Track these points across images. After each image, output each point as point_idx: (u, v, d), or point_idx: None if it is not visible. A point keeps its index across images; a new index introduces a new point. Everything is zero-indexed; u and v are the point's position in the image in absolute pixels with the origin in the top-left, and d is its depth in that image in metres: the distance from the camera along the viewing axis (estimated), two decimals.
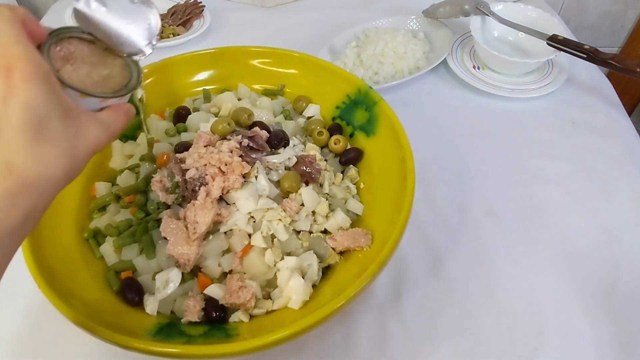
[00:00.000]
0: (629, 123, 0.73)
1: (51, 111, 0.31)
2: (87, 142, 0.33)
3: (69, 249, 0.48)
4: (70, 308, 0.39)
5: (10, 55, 0.29)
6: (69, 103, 0.32)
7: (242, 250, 0.47)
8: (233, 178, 0.48)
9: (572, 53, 0.70)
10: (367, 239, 0.47)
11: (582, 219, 0.59)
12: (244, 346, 0.38)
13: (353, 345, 0.49)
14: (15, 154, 0.29)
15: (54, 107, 0.31)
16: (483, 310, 0.51)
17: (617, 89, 0.78)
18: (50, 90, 0.31)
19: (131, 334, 0.40)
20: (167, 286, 0.44)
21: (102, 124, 0.35)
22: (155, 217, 0.49)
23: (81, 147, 0.33)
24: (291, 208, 0.49)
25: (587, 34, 1.17)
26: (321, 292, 0.46)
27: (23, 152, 0.29)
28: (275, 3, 0.97)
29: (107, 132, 0.35)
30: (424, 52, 0.81)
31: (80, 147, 0.33)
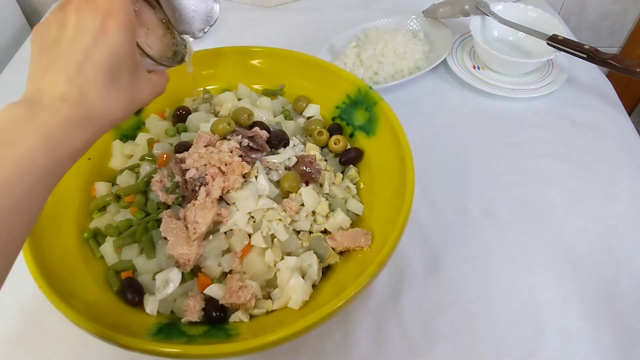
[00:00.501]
0: (629, 123, 0.73)
1: (126, 63, 0.36)
2: (141, 97, 0.39)
3: (69, 249, 0.48)
4: (71, 308, 0.39)
5: (113, 4, 0.34)
6: (138, 60, 0.38)
7: (242, 250, 0.47)
8: (233, 178, 0.48)
9: (572, 53, 0.70)
10: (367, 239, 0.47)
11: (582, 219, 0.59)
12: (244, 346, 0.38)
13: (353, 345, 0.49)
14: (89, 88, 0.33)
15: (129, 60, 0.36)
16: (482, 310, 0.51)
17: (617, 89, 0.78)
18: (132, 45, 0.36)
19: (131, 334, 0.40)
20: (167, 286, 0.44)
21: (153, 85, 0.40)
22: (155, 217, 0.49)
23: (137, 100, 0.38)
24: (291, 208, 0.49)
25: (587, 34, 1.17)
26: (321, 292, 0.46)
27: (97, 88, 0.34)
28: (275, 3, 0.97)
29: (154, 92, 0.41)
30: (424, 52, 0.81)
31: (136, 100, 0.38)
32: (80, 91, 0.33)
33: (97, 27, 0.34)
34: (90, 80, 0.34)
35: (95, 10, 0.34)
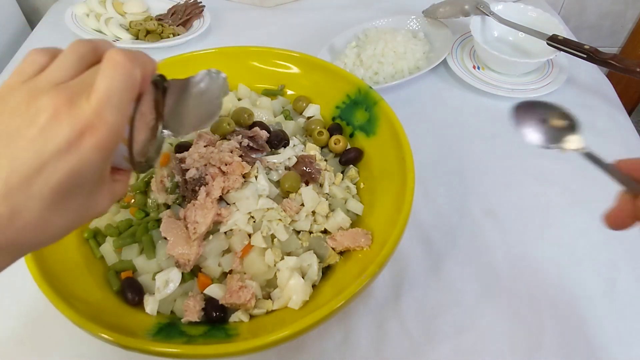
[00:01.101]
0: (629, 123, 0.73)
1: (89, 182, 0.29)
2: (92, 213, 0.31)
3: (69, 249, 0.48)
4: (71, 308, 0.39)
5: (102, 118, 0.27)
6: (106, 174, 0.30)
7: (242, 250, 0.47)
8: (233, 178, 0.48)
9: (572, 53, 0.70)
10: (367, 239, 0.47)
11: (582, 219, 0.59)
12: (244, 346, 0.38)
13: (353, 345, 0.49)
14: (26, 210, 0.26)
15: (94, 181, 0.29)
16: (483, 310, 0.51)
17: (617, 89, 0.78)
18: (105, 164, 0.29)
19: (131, 334, 0.40)
20: (167, 286, 0.44)
21: (113, 194, 0.32)
22: (155, 217, 0.49)
23: (84, 219, 0.30)
24: (291, 208, 0.49)
25: (587, 34, 1.17)
26: (321, 292, 0.46)
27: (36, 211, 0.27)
28: (275, 3, 0.97)
29: (112, 201, 0.32)
30: (424, 52, 0.81)
31: (82, 220, 0.30)
32: (11, 212, 0.26)
33: (70, 139, 0.26)
34: (31, 200, 0.26)
35: (76, 120, 0.26)
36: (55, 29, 0.91)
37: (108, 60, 0.28)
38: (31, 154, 0.26)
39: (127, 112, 0.29)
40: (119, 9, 0.89)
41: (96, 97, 0.27)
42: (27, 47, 0.88)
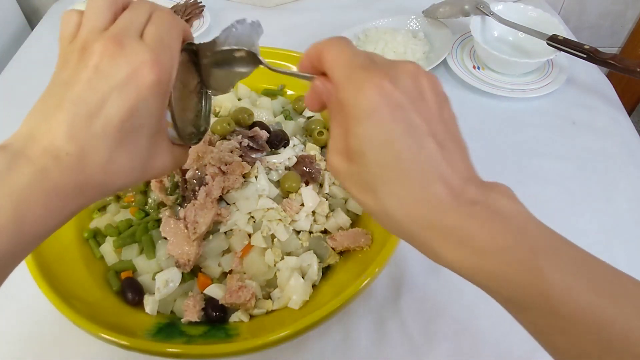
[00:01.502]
0: (629, 123, 0.73)
1: (149, 125, 0.29)
2: (157, 166, 0.32)
3: (69, 249, 0.48)
4: (71, 308, 0.39)
5: (158, 57, 0.28)
6: (163, 125, 0.31)
7: (242, 250, 0.47)
8: (233, 178, 0.48)
9: (572, 53, 0.70)
10: (367, 239, 0.47)
11: (582, 219, 0.59)
12: (244, 346, 0.38)
13: (353, 345, 0.49)
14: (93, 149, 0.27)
15: (153, 122, 0.29)
16: (483, 310, 0.51)
17: (617, 89, 0.78)
18: (161, 106, 0.29)
19: (131, 334, 0.40)
20: (167, 286, 0.44)
21: (174, 158, 0.33)
22: (155, 217, 0.49)
23: (150, 169, 0.31)
24: (291, 208, 0.49)
25: (587, 34, 1.17)
26: (321, 292, 0.46)
27: (103, 150, 0.27)
28: (275, 3, 0.97)
29: (175, 164, 0.34)
30: (424, 52, 0.81)
31: (149, 169, 0.31)
32: (80, 151, 0.26)
33: (125, 75, 0.27)
34: (97, 139, 0.27)
35: (131, 57, 0.27)
36: (55, 29, 0.91)
37: (158, 14, 0.29)
38: (91, 92, 0.27)
39: (177, 56, 0.30)
40: None
41: (150, 38, 0.28)
42: (27, 47, 0.88)
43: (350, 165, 0.27)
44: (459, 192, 0.25)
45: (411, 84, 0.26)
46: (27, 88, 0.79)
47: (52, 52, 0.30)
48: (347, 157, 0.27)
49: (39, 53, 0.86)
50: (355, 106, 0.25)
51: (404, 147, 0.25)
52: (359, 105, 0.25)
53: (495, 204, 0.25)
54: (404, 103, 0.25)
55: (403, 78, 0.26)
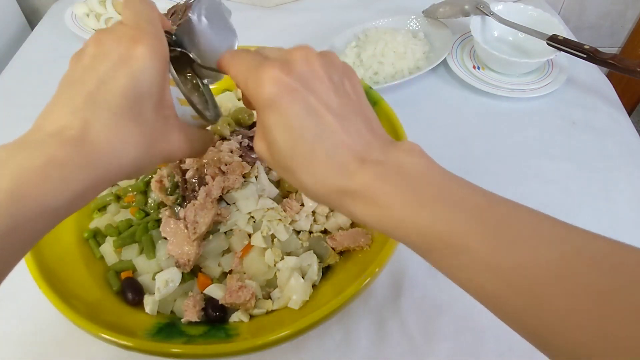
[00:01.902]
0: (629, 123, 0.73)
1: (151, 94, 0.29)
2: (166, 145, 0.31)
3: (69, 249, 0.48)
4: (71, 308, 0.39)
5: (142, 30, 0.29)
6: (168, 99, 0.31)
7: (242, 250, 0.47)
8: (233, 178, 0.48)
9: (572, 53, 0.70)
10: (367, 239, 0.47)
11: (582, 219, 0.59)
12: (244, 346, 0.38)
13: (353, 345, 0.49)
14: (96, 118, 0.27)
15: (155, 92, 0.30)
16: (483, 310, 0.51)
17: (617, 89, 0.78)
18: (160, 76, 0.30)
19: (131, 334, 0.40)
20: (167, 286, 0.44)
21: (188, 139, 0.33)
22: (155, 217, 0.49)
23: (159, 146, 0.31)
24: (291, 208, 0.49)
25: (587, 34, 1.17)
26: (321, 292, 0.46)
27: (106, 118, 0.27)
28: (275, 3, 0.97)
29: (188, 149, 0.33)
30: (424, 52, 0.81)
31: (157, 146, 0.31)
32: (83, 122, 0.27)
33: (120, 53, 0.28)
34: (100, 108, 0.27)
35: (118, 37, 0.29)
36: (55, 29, 0.91)
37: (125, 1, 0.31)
38: (88, 76, 0.28)
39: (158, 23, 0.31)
40: (119, 8, 0.89)
41: (128, 17, 0.30)
42: (27, 47, 0.88)
43: (269, 151, 0.29)
44: (363, 157, 0.28)
45: (303, 68, 0.28)
46: (27, 88, 0.80)
47: (52, 52, 0.30)
48: (266, 145, 0.29)
49: (39, 53, 0.86)
50: (258, 101, 0.28)
51: (303, 127, 0.27)
52: (259, 99, 0.28)
53: (398, 161, 0.28)
54: (297, 87, 0.27)
55: (295, 64, 0.28)
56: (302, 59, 0.29)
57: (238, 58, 0.31)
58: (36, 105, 0.38)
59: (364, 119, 0.30)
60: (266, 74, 0.28)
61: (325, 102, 0.28)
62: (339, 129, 0.28)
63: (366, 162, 0.27)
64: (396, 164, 0.27)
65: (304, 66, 0.29)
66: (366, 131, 0.29)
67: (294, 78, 0.28)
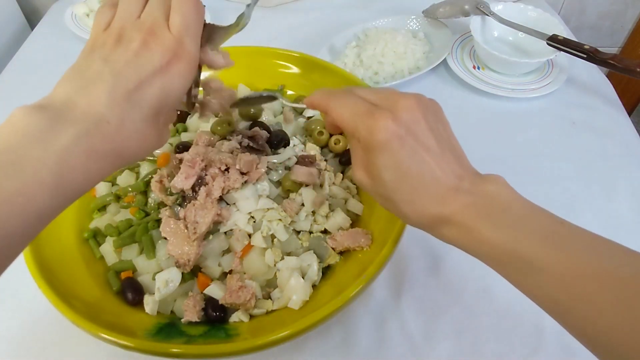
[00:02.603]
0: (629, 123, 0.73)
1: (171, 106, 0.33)
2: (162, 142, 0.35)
3: (69, 249, 0.48)
4: (70, 308, 0.39)
5: (184, 48, 0.32)
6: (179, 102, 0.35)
7: (242, 250, 0.47)
8: (233, 178, 0.48)
9: (572, 53, 0.70)
10: (367, 239, 0.47)
11: (582, 219, 0.59)
12: (244, 346, 0.38)
13: (353, 345, 0.49)
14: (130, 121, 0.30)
15: (173, 105, 0.34)
16: (483, 310, 0.51)
17: (617, 89, 0.78)
18: (183, 92, 0.34)
19: (131, 334, 0.40)
20: (167, 286, 0.44)
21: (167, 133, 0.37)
22: (155, 217, 0.49)
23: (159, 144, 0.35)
24: (291, 208, 0.49)
25: (587, 34, 1.17)
26: (321, 292, 0.46)
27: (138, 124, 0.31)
28: (275, 3, 0.97)
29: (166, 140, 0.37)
30: (424, 52, 0.81)
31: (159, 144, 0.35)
32: (119, 121, 0.29)
33: (162, 63, 0.31)
34: (134, 113, 0.30)
35: (164, 48, 0.31)
36: (55, 28, 0.91)
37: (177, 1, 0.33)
38: (131, 72, 0.30)
39: (199, 43, 0.34)
40: None
41: (176, 29, 0.32)
42: (27, 47, 0.88)
43: (372, 182, 0.34)
44: (456, 188, 0.32)
45: (408, 117, 0.33)
46: (27, 88, 0.80)
47: (52, 52, 0.30)
48: (369, 176, 0.35)
49: (39, 53, 0.86)
50: (370, 144, 0.33)
51: (408, 167, 0.32)
52: (371, 142, 0.33)
53: (485, 191, 0.32)
54: (403, 135, 0.32)
55: (402, 113, 0.33)
56: (407, 107, 0.33)
57: (342, 101, 0.35)
58: None
59: (455, 155, 0.35)
60: (380, 122, 0.32)
61: (426, 144, 0.33)
62: (436, 166, 0.33)
63: (458, 192, 0.32)
64: (483, 194, 0.32)
65: (409, 115, 0.33)
66: (457, 166, 0.34)
67: (402, 127, 0.32)
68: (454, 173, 0.33)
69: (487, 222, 0.31)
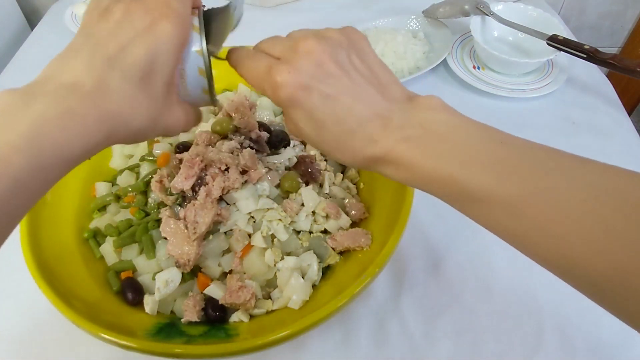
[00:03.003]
0: (629, 123, 0.73)
1: (162, 70, 0.30)
2: (169, 119, 0.33)
3: (69, 249, 0.48)
4: (70, 308, 0.39)
5: (171, 7, 0.30)
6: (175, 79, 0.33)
7: (242, 250, 0.47)
8: (233, 178, 0.48)
9: (572, 53, 0.70)
10: (367, 239, 0.47)
11: None
12: (244, 346, 0.38)
13: (353, 345, 0.49)
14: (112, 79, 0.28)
15: (166, 69, 0.31)
16: (483, 310, 0.51)
17: (617, 89, 0.78)
18: (176, 56, 0.31)
19: (131, 334, 0.40)
20: (167, 286, 0.44)
21: (186, 113, 0.35)
22: (155, 217, 0.49)
23: (163, 119, 0.32)
24: (291, 208, 0.49)
25: (587, 34, 1.17)
26: (321, 292, 0.46)
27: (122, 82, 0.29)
28: (275, 3, 0.97)
29: (187, 121, 0.35)
30: (424, 52, 0.81)
31: (162, 119, 0.32)
32: (98, 80, 0.28)
33: (145, 24, 0.29)
34: (115, 71, 0.28)
35: (146, 9, 0.30)
36: (55, 28, 0.91)
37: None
38: (111, 40, 0.29)
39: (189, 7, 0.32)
40: None
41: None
42: (27, 47, 0.88)
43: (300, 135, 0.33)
44: (383, 124, 0.30)
45: (309, 62, 0.31)
46: None
47: (52, 52, 0.30)
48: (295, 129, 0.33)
49: (39, 53, 0.86)
50: (278, 103, 0.31)
51: (323, 115, 0.30)
52: (279, 102, 0.31)
53: (419, 121, 0.30)
54: (307, 83, 0.30)
55: (300, 60, 0.31)
56: (306, 52, 0.31)
57: (247, 61, 0.34)
58: None
59: (378, 87, 0.32)
60: (278, 79, 0.30)
61: (336, 86, 0.30)
62: (354, 106, 0.30)
63: (388, 127, 0.30)
64: (417, 124, 0.30)
65: (309, 60, 0.31)
66: (382, 98, 0.31)
67: (302, 76, 0.30)
68: (378, 107, 0.31)
69: (424, 156, 0.29)
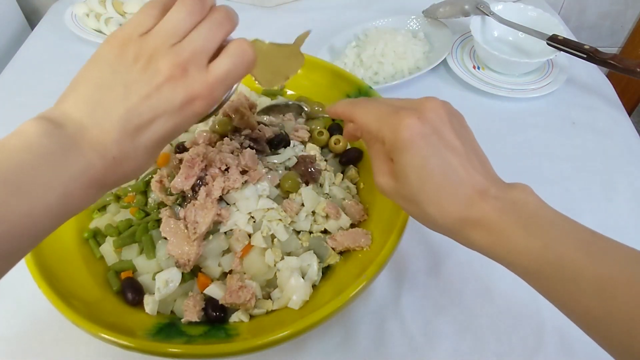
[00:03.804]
0: (629, 123, 0.73)
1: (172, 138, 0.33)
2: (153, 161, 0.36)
3: (69, 249, 0.48)
4: (70, 308, 0.39)
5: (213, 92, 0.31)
6: None
7: (242, 250, 0.47)
8: (233, 178, 0.48)
9: (572, 53, 0.70)
10: (367, 239, 0.47)
11: (582, 219, 0.59)
12: (244, 346, 0.38)
13: (353, 345, 0.49)
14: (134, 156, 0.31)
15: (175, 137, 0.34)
16: (483, 310, 0.51)
17: (617, 89, 0.78)
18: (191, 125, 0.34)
19: (131, 334, 0.40)
20: (167, 286, 0.44)
21: None
22: (155, 217, 0.49)
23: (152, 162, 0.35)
24: (291, 208, 0.49)
25: (587, 34, 1.17)
26: (321, 292, 0.46)
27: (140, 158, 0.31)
28: (275, 3, 0.97)
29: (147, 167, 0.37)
30: (424, 52, 0.81)
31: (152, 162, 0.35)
32: (123, 156, 0.30)
33: (180, 102, 0.30)
34: (139, 148, 0.31)
35: (190, 90, 0.30)
36: (55, 28, 0.91)
37: (237, 46, 0.32)
38: (146, 107, 0.30)
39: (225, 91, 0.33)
40: (119, 8, 0.89)
41: (215, 75, 0.31)
42: (27, 47, 0.88)
43: (396, 184, 0.35)
44: (482, 192, 0.32)
45: (434, 117, 0.33)
46: (27, 88, 0.79)
47: (52, 52, 0.30)
48: (393, 178, 0.35)
49: (39, 53, 0.86)
50: (395, 143, 0.33)
51: (434, 166, 0.32)
52: (397, 142, 0.33)
53: (513, 198, 0.32)
54: (429, 133, 0.32)
55: (427, 113, 0.33)
56: (432, 108, 0.34)
57: (367, 103, 0.37)
58: (36, 105, 0.38)
59: (480, 160, 0.34)
60: (405, 120, 0.32)
61: (451, 145, 0.33)
62: (462, 168, 0.33)
63: (485, 196, 0.32)
64: (511, 200, 0.32)
65: (434, 114, 0.33)
66: (483, 170, 0.34)
67: (427, 125, 0.33)
68: (479, 177, 0.33)
69: (516, 227, 0.30)
